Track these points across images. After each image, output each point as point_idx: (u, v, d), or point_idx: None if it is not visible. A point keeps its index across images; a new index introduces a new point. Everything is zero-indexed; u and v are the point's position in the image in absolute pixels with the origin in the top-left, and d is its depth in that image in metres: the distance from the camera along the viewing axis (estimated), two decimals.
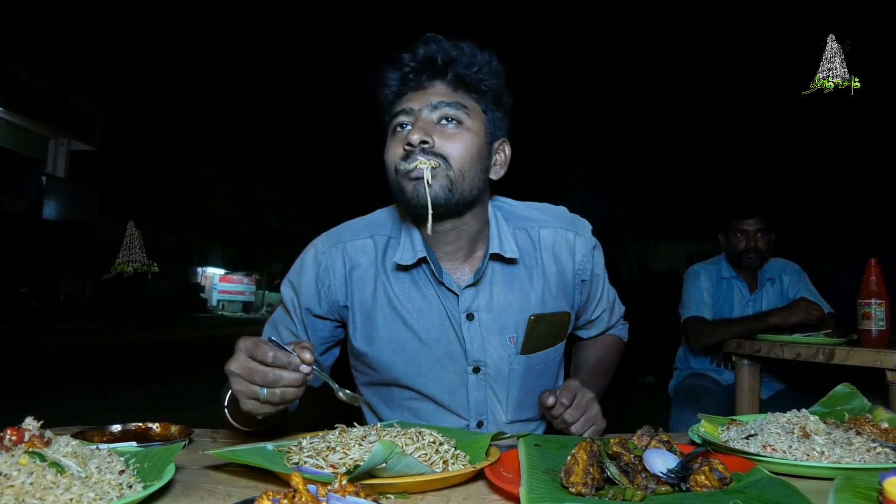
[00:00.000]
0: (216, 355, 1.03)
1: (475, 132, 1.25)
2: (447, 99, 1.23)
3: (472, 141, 1.23)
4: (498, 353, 1.34)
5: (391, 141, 1.26)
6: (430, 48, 1.24)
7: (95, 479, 0.76)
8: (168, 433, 1.16)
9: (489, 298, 1.33)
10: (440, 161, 1.20)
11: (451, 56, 1.24)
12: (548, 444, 1.00)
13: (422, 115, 1.22)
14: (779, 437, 0.99)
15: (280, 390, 0.97)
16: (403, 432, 0.97)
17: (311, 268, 1.36)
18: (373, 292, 1.33)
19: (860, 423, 1.07)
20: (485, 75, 1.26)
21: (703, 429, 1.13)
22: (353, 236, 1.37)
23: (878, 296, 2.08)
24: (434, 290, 1.32)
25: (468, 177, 1.23)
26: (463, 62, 1.24)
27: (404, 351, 1.33)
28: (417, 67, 1.24)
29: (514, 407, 1.38)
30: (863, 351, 2.02)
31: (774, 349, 2.35)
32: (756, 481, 0.82)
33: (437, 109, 1.23)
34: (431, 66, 1.24)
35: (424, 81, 1.25)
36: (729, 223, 2.96)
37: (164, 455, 0.88)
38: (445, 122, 1.23)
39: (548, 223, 1.41)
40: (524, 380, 1.37)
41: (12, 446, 0.76)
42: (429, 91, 1.24)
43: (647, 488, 0.82)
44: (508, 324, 1.34)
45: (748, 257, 2.92)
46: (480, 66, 1.25)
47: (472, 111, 1.25)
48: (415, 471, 0.85)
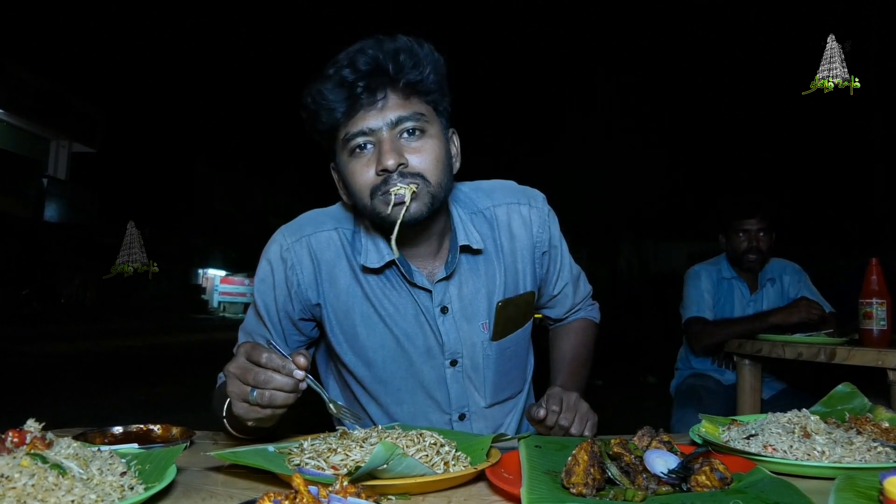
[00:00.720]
0: (218, 357, 1.03)
1: (436, 136, 1.21)
2: (404, 112, 1.17)
3: (437, 147, 1.21)
4: (472, 340, 1.35)
5: (354, 163, 1.19)
6: (373, 58, 1.15)
7: (97, 480, 0.76)
8: (169, 435, 1.16)
9: (459, 289, 1.33)
10: (419, 180, 1.17)
11: (398, 64, 1.15)
12: (548, 445, 1.00)
13: (383, 135, 1.16)
14: (779, 436, 1.00)
15: (269, 392, 0.96)
16: (404, 434, 0.97)
17: (279, 268, 1.32)
18: (346, 288, 1.31)
19: (861, 422, 1.07)
20: (431, 73, 1.19)
21: (703, 429, 1.13)
22: (316, 228, 1.33)
23: (880, 295, 2.08)
24: (406, 289, 1.31)
25: (443, 184, 1.22)
26: (409, 66, 1.16)
27: (384, 349, 1.33)
28: (366, 84, 1.15)
29: (491, 392, 1.40)
30: (864, 350, 2.02)
31: (776, 349, 2.34)
32: (757, 481, 0.82)
33: (397, 125, 1.17)
34: (380, 78, 1.16)
35: (376, 95, 1.16)
36: (730, 223, 2.96)
37: (165, 457, 0.88)
38: (408, 134, 1.18)
39: (500, 201, 1.40)
40: (498, 363, 1.39)
41: (14, 448, 0.77)
42: (383, 106, 1.16)
43: (647, 489, 0.82)
44: (480, 310, 1.35)
45: (749, 258, 2.91)
46: (426, 65, 1.18)
47: (429, 115, 1.21)
48: (416, 472, 0.85)
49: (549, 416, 1.20)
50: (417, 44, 1.19)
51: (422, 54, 1.18)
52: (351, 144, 1.18)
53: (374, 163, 1.17)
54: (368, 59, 1.14)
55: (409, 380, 1.35)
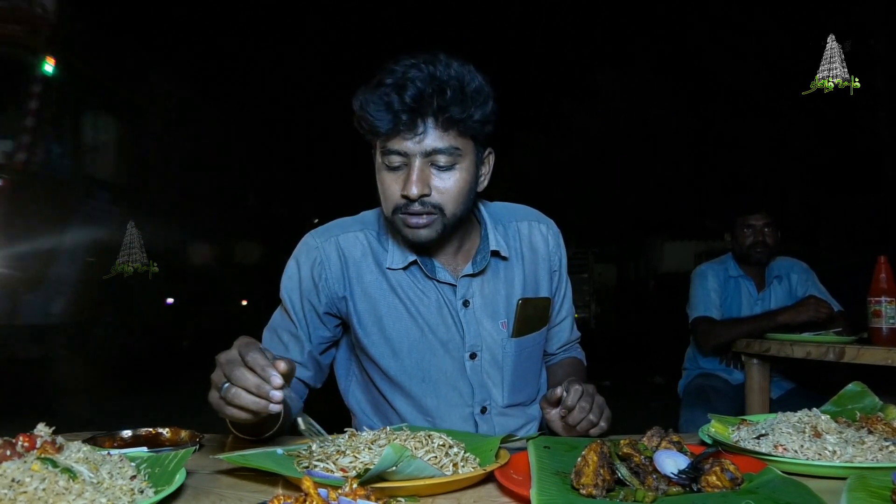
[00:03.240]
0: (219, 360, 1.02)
1: (467, 168, 1.26)
2: (440, 144, 1.21)
3: (464, 179, 1.26)
4: (492, 337, 1.40)
5: (386, 175, 1.26)
6: (420, 91, 1.17)
7: (107, 484, 0.76)
8: (178, 438, 1.17)
9: (481, 287, 1.40)
10: (436, 211, 1.24)
11: (444, 100, 1.18)
12: (558, 446, 1.00)
13: (416, 162, 1.21)
14: (790, 436, 0.99)
15: (235, 389, 0.94)
16: (413, 435, 0.97)
17: (306, 264, 1.38)
18: (372, 282, 1.37)
19: (872, 421, 1.06)
20: (476, 110, 1.21)
21: (713, 429, 1.13)
22: (344, 230, 1.40)
23: (889, 293, 2.06)
24: (430, 282, 1.37)
25: (460, 212, 1.28)
26: (456, 103, 1.19)
27: (409, 338, 1.37)
28: (409, 116, 1.18)
29: (509, 391, 1.43)
30: (873, 349, 2.01)
31: (784, 348, 2.33)
32: (768, 481, 0.81)
33: (430, 155, 1.21)
34: (423, 111, 1.19)
35: (417, 127, 1.19)
36: (736, 219, 2.95)
37: (174, 460, 0.89)
38: (438, 167, 1.23)
39: (523, 217, 1.51)
40: (516, 362, 1.43)
41: (24, 452, 0.77)
42: (421, 135, 1.20)
43: (657, 489, 0.81)
44: (499, 309, 1.41)
45: (756, 251, 2.91)
46: (472, 103, 1.21)
47: (464, 147, 1.24)
48: (425, 474, 0.85)
49: (572, 394, 1.21)
50: (469, 78, 1.22)
51: (470, 91, 1.21)
52: (386, 158, 1.24)
53: (401, 182, 1.23)
54: (416, 93, 1.17)
55: (433, 370, 1.38)
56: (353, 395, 1.50)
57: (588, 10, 18.88)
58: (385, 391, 1.42)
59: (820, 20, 10.87)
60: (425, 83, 1.18)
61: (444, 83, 1.19)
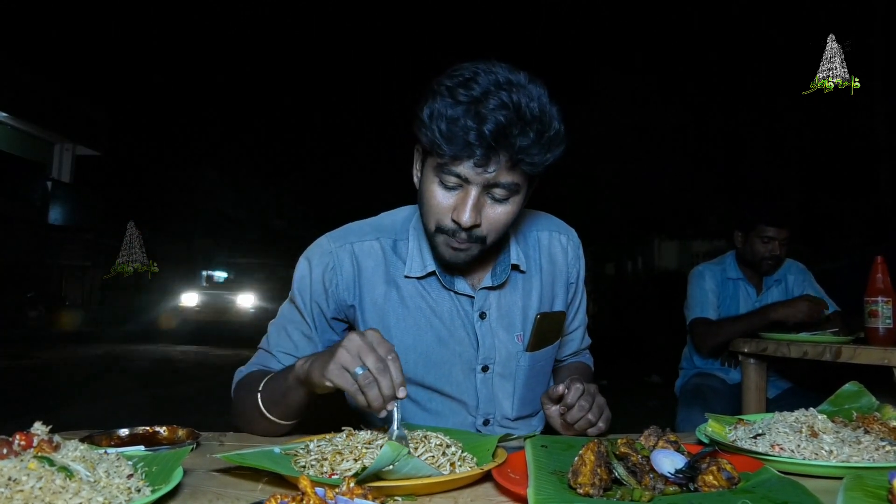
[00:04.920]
0: (222, 358, 1.02)
1: (518, 203, 1.23)
2: (503, 179, 1.15)
3: (513, 213, 1.22)
4: (507, 349, 1.38)
5: (437, 189, 1.19)
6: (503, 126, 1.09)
7: (104, 483, 0.76)
8: (175, 437, 1.16)
9: (498, 299, 1.38)
10: (479, 241, 1.22)
11: (524, 142, 1.11)
12: (555, 445, 1.00)
13: (473, 190, 1.16)
14: (787, 436, 0.99)
15: (371, 380, 0.98)
16: (410, 435, 0.97)
17: (318, 266, 1.35)
18: (384, 293, 1.34)
19: (868, 421, 1.06)
20: (550, 156, 1.16)
21: (710, 428, 1.13)
22: (360, 238, 1.37)
23: (885, 293, 2.07)
24: (446, 293, 1.35)
25: (498, 240, 1.27)
26: (533, 148, 1.12)
27: (416, 349, 1.35)
28: (483, 152, 1.11)
29: (518, 403, 1.42)
30: (870, 349, 2.01)
31: (781, 348, 2.34)
32: (765, 481, 0.81)
33: (490, 187, 1.17)
34: (500, 147, 1.11)
35: (489, 164, 1.13)
36: (755, 226, 2.90)
37: (172, 459, 0.89)
38: (495, 198, 1.19)
39: (544, 227, 1.48)
40: (528, 376, 1.42)
41: (21, 451, 0.77)
42: (487, 167, 1.13)
43: (654, 489, 0.81)
44: (515, 322, 1.39)
45: (768, 263, 2.90)
46: (548, 150, 1.15)
47: (522, 184, 1.20)
48: (422, 473, 0.85)
49: (572, 392, 1.20)
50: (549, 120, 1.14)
51: (549, 137, 1.14)
52: (442, 176, 1.17)
53: (452, 202, 1.18)
54: (497, 129, 1.09)
55: (441, 380, 1.36)
56: None
57: (588, 10, 18.88)
58: None
59: (816, 19, 10.87)
60: (510, 121, 1.10)
61: (527, 124, 1.11)
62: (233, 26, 22.37)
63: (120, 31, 21.94)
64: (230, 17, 22.65)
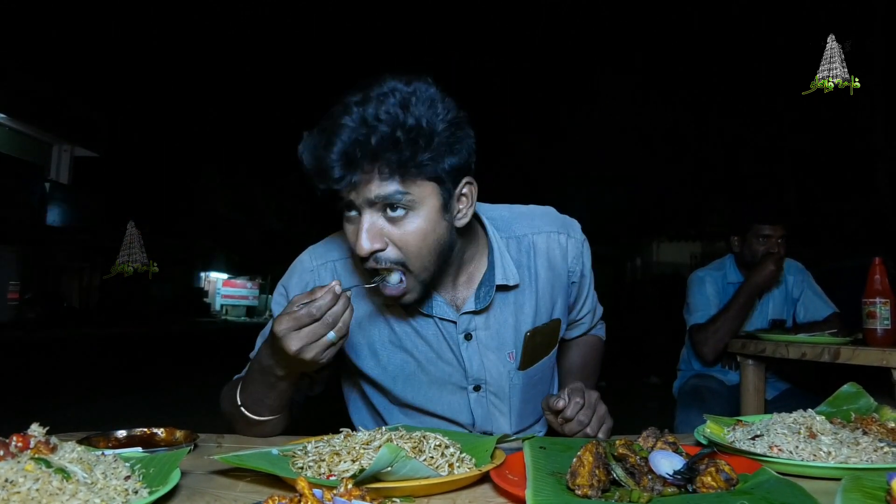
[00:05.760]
0: (220, 359, 1.02)
1: (426, 211, 1.11)
2: (383, 191, 1.06)
3: (423, 226, 1.11)
4: (497, 369, 1.33)
5: (346, 225, 1.15)
6: (349, 143, 1.04)
7: (101, 484, 0.76)
8: (173, 438, 1.16)
9: (486, 319, 1.31)
10: (399, 266, 1.13)
11: (381, 146, 1.04)
12: (553, 446, 1.00)
13: (364, 212, 1.09)
14: (785, 437, 0.99)
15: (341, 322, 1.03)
16: (408, 436, 0.97)
17: (299, 285, 1.32)
18: (367, 313, 1.30)
19: (867, 422, 1.06)
20: (423, 154, 1.06)
21: (708, 429, 1.13)
22: (342, 254, 1.32)
23: (883, 294, 2.07)
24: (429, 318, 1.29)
25: (430, 263, 1.15)
26: (390, 149, 1.04)
27: (403, 373, 1.31)
28: (342, 172, 1.05)
29: (517, 419, 1.39)
30: (868, 350, 2.01)
31: (779, 349, 2.34)
32: (763, 482, 0.81)
33: (376, 203, 1.08)
34: (357, 162, 1.05)
35: (351, 176, 1.05)
36: (751, 227, 2.88)
37: (169, 460, 0.88)
38: (390, 210, 1.09)
39: (540, 228, 1.37)
40: (524, 391, 1.38)
41: (18, 453, 0.77)
42: (365, 182, 1.06)
43: (653, 490, 0.81)
44: (507, 341, 1.32)
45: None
46: (414, 146, 1.05)
47: (418, 189, 1.09)
48: (420, 474, 0.85)
49: (571, 406, 1.18)
50: (413, 117, 1.05)
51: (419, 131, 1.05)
52: (341, 207, 1.14)
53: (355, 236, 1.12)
54: (344, 146, 1.04)
55: (432, 402, 1.33)
56: (357, 411, 1.47)
57: (587, 12, 18.90)
58: (383, 412, 1.39)
59: (815, 21, 10.89)
60: (356, 132, 1.04)
61: (372, 129, 1.04)
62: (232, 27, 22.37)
63: (118, 33, 21.92)
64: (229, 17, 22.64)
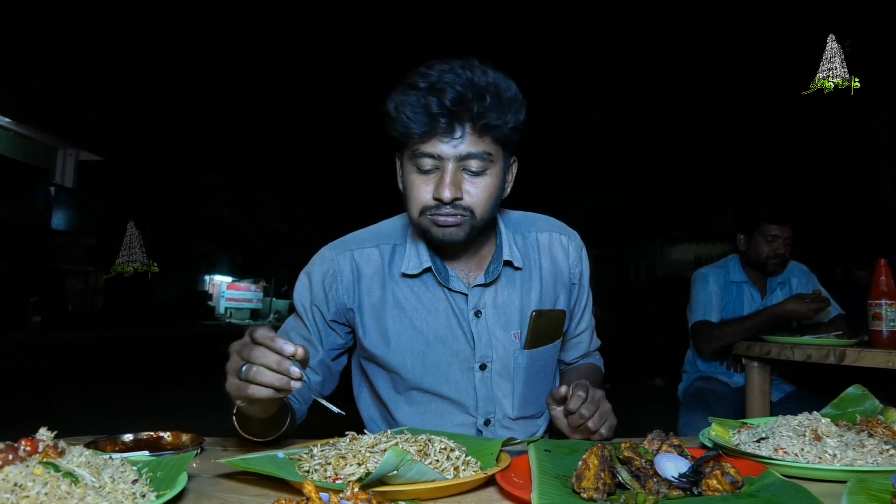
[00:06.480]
0: (225, 363, 1.03)
1: (496, 174, 1.27)
2: (475, 149, 1.21)
3: (494, 185, 1.26)
4: (504, 347, 1.39)
5: (416, 178, 1.25)
6: (460, 95, 1.18)
7: (109, 488, 0.76)
8: (179, 442, 1.17)
9: (494, 296, 1.39)
10: (467, 213, 1.25)
11: (482, 106, 1.18)
12: (558, 449, 1.00)
13: (448, 166, 1.22)
14: (790, 439, 0.99)
15: (256, 368, 0.94)
16: (414, 439, 0.97)
17: (318, 274, 1.40)
18: (381, 296, 1.38)
19: (872, 424, 1.06)
20: (511, 118, 1.23)
21: (713, 432, 1.13)
22: (359, 245, 1.42)
23: (889, 296, 2.07)
24: (442, 291, 1.37)
25: (488, 216, 1.28)
26: (493, 109, 1.19)
27: (412, 351, 1.37)
28: (447, 119, 1.19)
29: (519, 402, 1.42)
30: (874, 352, 2.01)
31: (785, 351, 2.33)
32: (768, 485, 0.81)
33: (464, 160, 1.22)
34: (462, 115, 1.19)
35: (454, 131, 1.20)
36: (758, 226, 2.88)
37: (176, 464, 0.89)
38: (472, 171, 1.23)
39: (543, 227, 1.50)
40: (528, 374, 1.42)
41: (27, 457, 0.77)
42: (457, 140, 1.21)
43: (658, 493, 0.82)
44: (512, 320, 1.40)
45: (773, 262, 2.87)
46: (508, 110, 1.22)
47: (496, 154, 1.25)
48: (426, 477, 0.85)
49: (574, 399, 1.21)
50: (506, 86, 1.22)
51: (507, 98, 1.21)
52: (418, 162, 1.24)
53: (432, 185, 1.24)
54: (455, 96, 1.17)
55: (439, 380, 1.38)
56: (364, 401, 1.53)
57: (589, 12, 18.91)
58: (388, 400, 1.43)
59: (817, 21, 10.88)
60: (465, 88, 1.18)
61: (482, 89, 1.19)
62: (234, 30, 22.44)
63: (122, 36, 22.00)
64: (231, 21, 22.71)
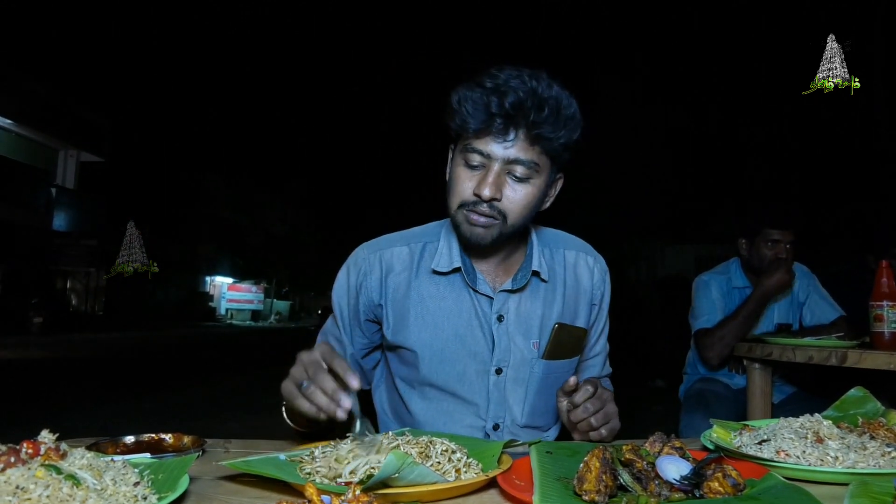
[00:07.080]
0: (226, 364, 1.03)
1: (538, 185, 1.29)
2: (523, 156, 1.24)
3: (533, 196, 1.29)
4: (522, 354, 1.41)
5: (462, 170, 1.29)
6: (521, 102, 1.21)
7: (111, 491, 0.76)
8: (181, 444, 1.17)
9: (518, 304, 1.42)
10: (500, 217, 1.27)
11: (539, 116, 1.21)
12: (560, 451, 1.00)
13: (495, 166, 1.25)
14: (792, 442, 0.99)
15: (314, 388, 1.03)
16: (415, 441, 0.97)
17: (353, 273, 1.46)
18: (406, 292, 1.42)
19: (874, 427, 1.06)
20: (564, 135, 1.25)
21: (715, 434, 1.13)
22: (390, 245, 1.47)
23: (891, 297, 2.06)
24: (467, 293, 1.41)
25: (519, 224, 1.31)
26: (549, 122, 1.22)
27: (431, 347, 1.40)
28: (504, 121, 1.22)
29: (529, 410, 1.44)
30: (875, 354, 2.01)
31: (786, 353, 2.33)
32: (770, 487, 0.81)
33: (511, 164, 1.25)
34: (518, 120, 1.22)
35: (508, 134, 1.23)
36: (760, 230, 2.84)
37: (177, 466, 0.89)
38: (515, 177, 1.26)
39: (571, 246, 1.53)
40: (542, 385, 1.43)
41: (29, 459, 0.77)
42: (508, 142, 1.24)
43: (660, 495, 0.81)
44: (533, 329, 1.42)
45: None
46: (564, 126, 1.24)
47: (543, 165, 1.27)
48: (427, 480, 0.85)
49: (581, 392, 1.24)
50: (567, 103, 1.25)
51: (564, 115, 1.24)
52: (468, 156, 1.27)
53: (475, 180, 1.27)
54: (516, 101, 1.20)
55: (454, 379, 1.41)
56: (379, 394, 1.56)
57: (588, 13, 18.91)
58: (403, 392, 1.46)
59: (817, 21, 10.87)
60: (526, 95, 1.21)
61: (543, 100, 1.22)
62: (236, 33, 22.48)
63: (123, 39, 22.03)
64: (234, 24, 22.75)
